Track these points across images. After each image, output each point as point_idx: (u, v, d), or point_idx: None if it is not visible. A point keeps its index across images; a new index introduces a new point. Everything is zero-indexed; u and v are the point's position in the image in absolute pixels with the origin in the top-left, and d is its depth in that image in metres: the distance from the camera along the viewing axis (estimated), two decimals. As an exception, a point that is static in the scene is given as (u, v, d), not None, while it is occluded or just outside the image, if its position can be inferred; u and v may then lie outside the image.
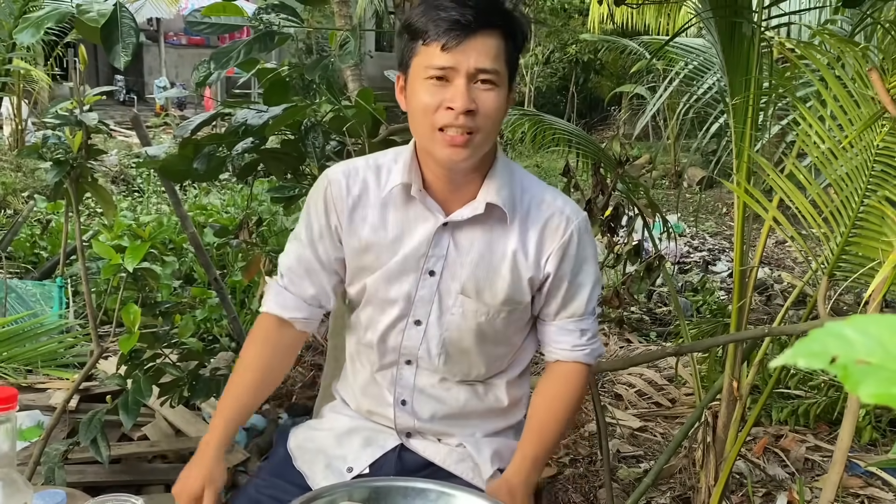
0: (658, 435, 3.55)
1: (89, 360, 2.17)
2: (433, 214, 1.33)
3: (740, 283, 2.41)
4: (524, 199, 1.36)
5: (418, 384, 1.40)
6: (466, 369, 1.40)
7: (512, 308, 1.36)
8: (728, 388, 2.56)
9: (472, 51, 1.21)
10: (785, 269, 6.54)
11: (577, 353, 1.41)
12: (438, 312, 1.35)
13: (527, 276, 1.35)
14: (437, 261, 1.34)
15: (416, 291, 1.35)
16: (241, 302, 4.79)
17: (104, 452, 2.05)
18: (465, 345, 1.37)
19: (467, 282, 1.33)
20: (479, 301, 1.34)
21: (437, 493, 1.18)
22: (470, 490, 1.24)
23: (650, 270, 2.58)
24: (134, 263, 2.01)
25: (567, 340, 1.41)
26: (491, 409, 1.44)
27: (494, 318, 1.36)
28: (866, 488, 3.00)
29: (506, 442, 1.45)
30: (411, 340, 1.37)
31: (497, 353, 1.41)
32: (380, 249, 1.35)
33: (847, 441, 1.82)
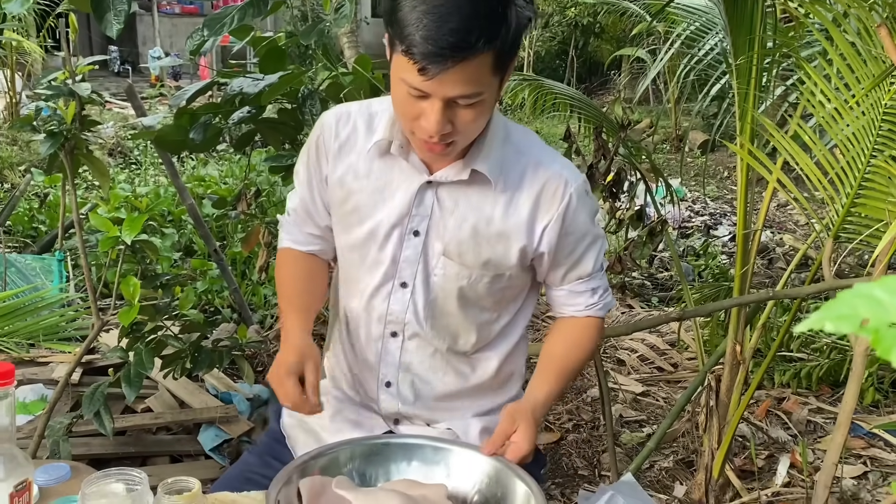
0: (660, 399, 3.56)
1: (90, 334, 2.17)
2: (417, 172, 1.29)
3: (743, 248, 2.39)
4: (519, 161, 1.30)
5: (404, 361, 1.35)
6: (454, 335, 1.36)
7: (496, 274, 1.32)
8: (731, 352, 2.56)
9: (449, 81, 1.10)
10: (787, 232, 6.51)
11: (592, 310, 1.40)
12: (424, 274, 1.32)
13: (517, 245, 1.29)
14: (420, 220, 1.30)
15: (400, 252, 1.31)
16: (241, 273, 4.78)
17: (108, 425, 2.05)
18: (449, 308, 1.33)
19: (450, 243, 1.29)
20: (461, 264, 1.30)
21: (433, 448, 1.18)
22: (465, 444, 1.23)
23: (653, 235, 2.56)
24: (132, 235, 1.99)
25: (580, 301, 1.39)
26: (480, 387, 1.40)
27: (476, 283, 1.31)
28: (868, 449, 3.01)
29: (496, 419, 1.38)
30: (398, 304, 1.33)
31: (483, 318, 1.36)
32: (362, 199, 1.31)
33: (851, 403, 1.82)
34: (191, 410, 2.66)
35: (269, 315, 4.38)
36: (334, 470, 1.13)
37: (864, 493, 2.72)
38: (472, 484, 1.14)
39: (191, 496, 1.02)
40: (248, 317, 4.06)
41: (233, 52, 2.56)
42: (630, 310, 4.53)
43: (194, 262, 4.61)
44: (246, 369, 2.55)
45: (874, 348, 0.30)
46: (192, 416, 2.62)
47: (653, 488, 2.80)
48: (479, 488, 1.13)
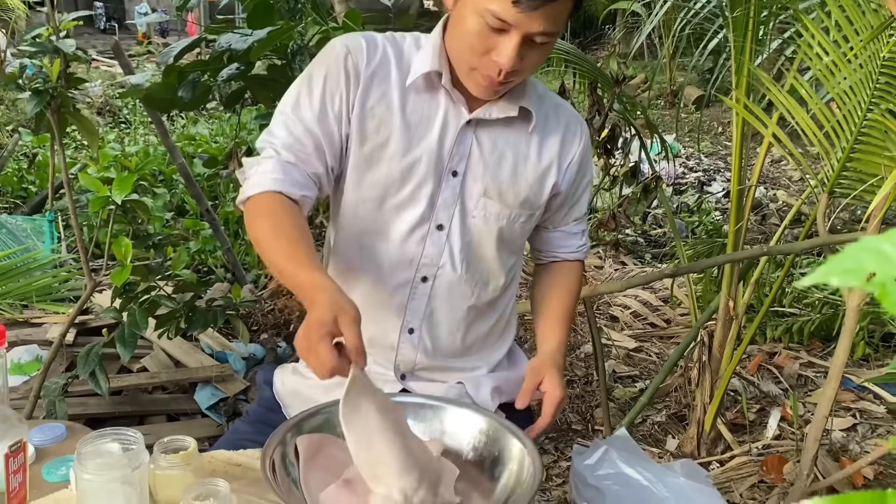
0: (653, 355, 3.59)
1: (83, 294, 2.16)
2: (458, 110, 1.26)
3: (737, 204, 2.38)
4: (544, 104, 1.34)
5: (430, 307, 1.32)
6: (486, 280, 1.35)
7: (530, 214, 1.35)
8: (724, 307, 2.57)
9: (538, 16, 1.10)
10: (781, 188, 6.51)
11: (579, 253, 1.46)
12: (461, 216, 1.30)
13: (550, 183, 1.34)
14: (460, 160, 1.28)
15: (439, 193, 1.28)
16: (234, 233, 4.77)
17: (103, 384, 2.05)
18: (486, 251, 1.33)
19: (490, 183, 1.29)
20: (501, 203, 1.30)
21: (428, 406, 1.18)
22: (461, 402, 1.23)
23: (647, 192, 2.55)
24: (122, 195, 1.97)
25: (572, 243, 1.45)
26: (490, 335, 1.41)
27: (514, 223, 1.33)
28: (858, 402, 3.05)
29: (504, 375, 1.42)
30: (434, 247, 1.29)
31: (511, 262, 1.39)
32: (395, 135, 1.24)
33: (843, 357, 1.83)
34: (186, 370, 2.67)
35: (262, 275, 4.38)
36: (329, 429, 1.13)
37: (853, 445, 2.76)
38: (468, 441, 1.14)
39: (187, 455, 1.02)
40: (242, 276, 4.06)
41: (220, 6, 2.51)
42: (623, 266, 4.54)
43: (186, 222, 4.58)
44: (241, 328, 2.55)
45: (881, 302, 0.30)
46: (187, 376, 2.63)
47: (645, 442, 2.84)
48: (474, 445, 1.14)
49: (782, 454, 2.62)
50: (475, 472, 1.12)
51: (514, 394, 1.43)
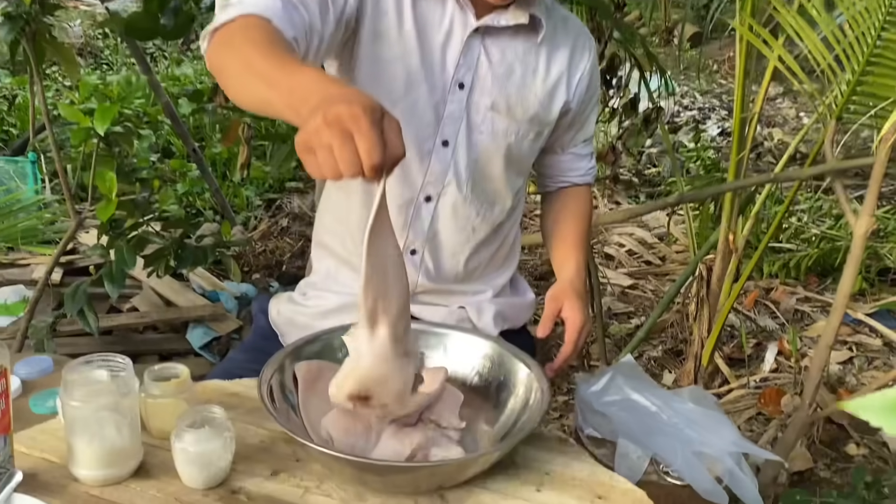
0: (648, 292, 3.57)
1: (68, 231, 2.09)
2: (466, 17, 1.19)
3: (739, 134, 2.32)
4: (552, 16, 1.28)
5: (433, 228, 1.27)
6: (492, 201, 1.30)
7: (538, 131, 1.28)
8: (724, 241, 2.53)
9: None
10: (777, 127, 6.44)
11: (588, 177, 1.42)
12: (467, 132, 1.23)
13: (560, 99, 1.27)
14: (466, 71, 1.21)
15: (444, 106, 1.21)
16: (222, 175, 4.68)
17: (92, 322, 2.00)
18: (492, 170, 1.27)
19: (498, 97, 1.23)
20: (509, 118, 1.24)
21: (431, 332, 1.14)
22: (464, 328, 1.19)
23: (647, 123, 2.48)
24: (104, 126, 1.89)
25: (581, 166, 1.40)
26: (494, 260, 1.36)
27: (522, 140, 1.27)
28: (854, 335, 3.05)
29: (508, 301, 1.39)
30: (439, 164, 1.23)
31: (518, 184, 1.33)
32: (394, 41, 1.16)
33: (848, 286, 1.79)
34: (177, 309, 2.63)
35: (253, 216, 4.31)
36: (329, 355, 1.09)
37: (850, 378, 2.76)
38: (472, 367, 1.11)
39: (179, 383, 0.97)
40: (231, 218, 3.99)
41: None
42: (618, 206, 4.49)
43: (173, 163, 4.48)
44: (232, 267, 2.50)
45: None
46: (178, 315, 2.59)
47: (642, 377, 2.83)
48: (478, 371, 1.10)
49: (780, 387, 2.62)
50: (480, 398, 1.08)
51: (518, 320, 1.40)
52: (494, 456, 0.91)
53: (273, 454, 0.98)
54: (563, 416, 2.44)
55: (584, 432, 1.23)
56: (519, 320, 1.40)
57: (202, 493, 0.90)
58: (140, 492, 0.90)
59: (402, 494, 0.91)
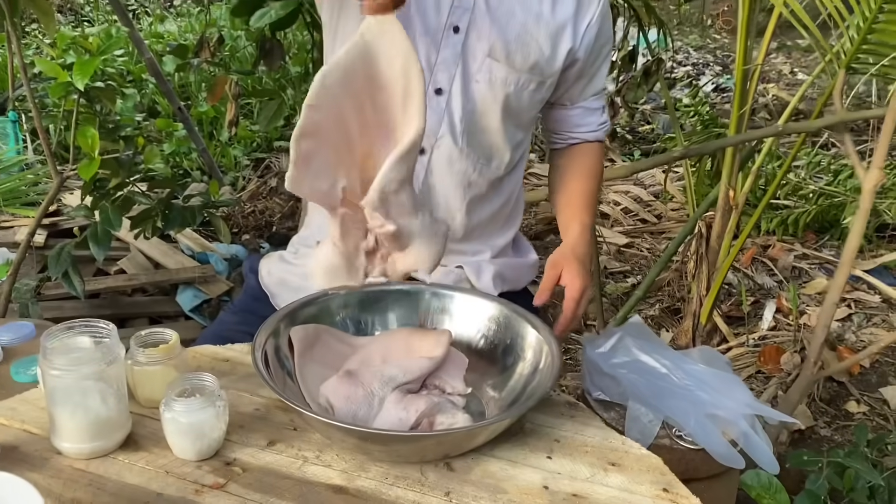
0: (644, 250, 3.53)
1: (51, 191, 2.01)
2: None
3: (742, 86, 2.25)
4: None
5: (428, 182, 1.21)
6: (489, 155, 1.23)
7: (540, 81, 1.20)
8: (724, 197, 2.47)
9: None
10: (770, 82, 6.36)
11: (600, 132, 1.33)
12: (463, 80, 1.16)
13: (565, 47, 1.19)
14: (462, 14, 1.14)
15: (437, 52, 1.15)
16: (209, 135, 4.58)
17: (77, 285, 1.94)
18: (490, 122, 1.20)
19: (497, 42, 1.15)
20: (508, 66, 1.16)
21: (434, 294, 1.08)
22: (468, 290, 1.14)
23: (647, 76, 2.40)
24: (84, 80, 1.80)
25: (592, 121, 1.32)
26: (494, 219, 1.30)
27: (522, 91, 1.19)
28: (852, 292, 3.02)
29: (509, 262, 1.33)
30: (433, 114, 1.16)
31: (518, 138, 1.26)
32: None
33: (856, 240, 1.75)
34: (166, 271, 2.56)
35: (240, 177, 4.23)
36: (326, 318, 1.03)
37: (849, 335, 2.74)
38: (477, 330, 1.05)
39: (167, 348, 0.92)
40: (219, 178, 3.91)
41: None
42: (612, 163, 4.42)
43: (159, 123, 4.36)
44: (221, 227, 2.43)
45: None
46: (167, 277, 2.53)
47: (640, 336, 2.80)
48: (484, 334, 1.05)
49: (779, 345, 2.59)
50: (486, 362, 1.03)
51: (519, 282, 1.34)
52: (504, 423, 0.86)
53: (269, 423, 0.93)
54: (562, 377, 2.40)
55: (592, 395, 1.19)
56: (520, 282, 1.35)
57: (194, 465, 0.85)
58: (128, 465, 0.85)
59: (406, 464, 0.87)
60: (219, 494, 0.81)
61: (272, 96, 2.80)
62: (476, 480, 0.86)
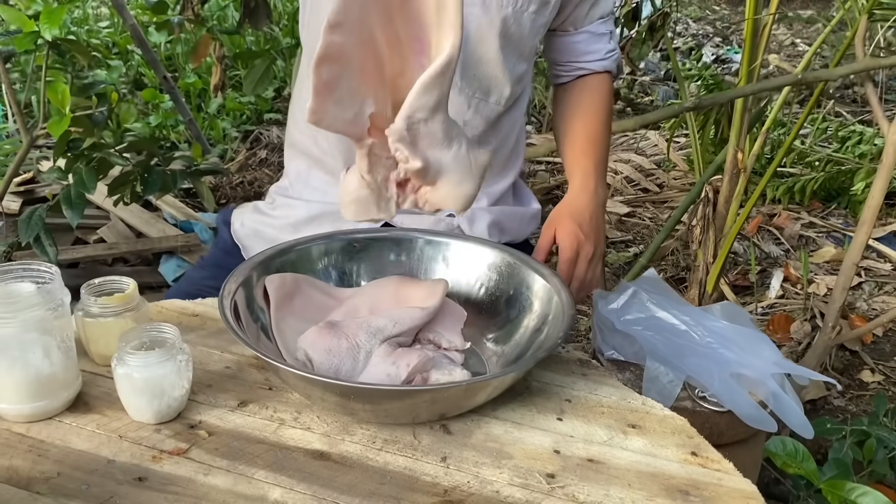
0: (646, 219, 3.43)
1: (20, 152, 1.89)
2: None
3: (752, 39, 2.13)
4: None
5: None
6: (486, 88, 1.12)
7: (541, 4, 1.09)
8: (731, 160, 2.36)
9: None
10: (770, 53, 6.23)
11: (608, 61, 1.22)
12: None
13: None
14: None
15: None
16: (197, 107, 4.45)
17: (50, 251, 1.82)
18: (487, 51, 1.09)
19: None
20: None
21: (427, 241, 0.97)
22: (463, 235, 1.03)
23: (653, 31, 2.28)
24: (52, 30, 1.67)
25: (599, 48, 1.20)
26: (495, 159, 1.17)
27: (521, 13, 1.08)
28: (863, 260, 2.92)
29: (507, 210, 1.21)
30: None
31: (519, 70, 1.14)
32: None
33: (879, 197, 1.65)
34: (148, 240, 2.44)
35: (229, 149, 4.10)
36: (305, 267, 0.92)
37: (861, 303, 2.64)
38: (476, 279, 0.94)
39: (124, 297, 0.80)
40: (207, 149, 3.78)
41: None
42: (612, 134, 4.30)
43: (145, 94, 4.25)
44: (205, 193, 2.31)
45: None
46: (149, 246, 2.41)
47: (643, 306, 2.70)
48: (483, 283, 0.94)
49: (788, 312, 2.50)
50: (487, 315, 0.92)
51: (519, 233, 1.23)
52: (508, 378, 0.75)
53: (241, 382, 0.82)
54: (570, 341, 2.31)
55: (605, 355, 1.08)
56: (520, 233, 1.23)
57: (153, 427, 0.74)
58: (76, 428, 0.74)
59: (396, 426, 0.76)
60: (180, 461, 0.70)
61: (259, 57, 2.67)
62: (477, 444, 0.75)
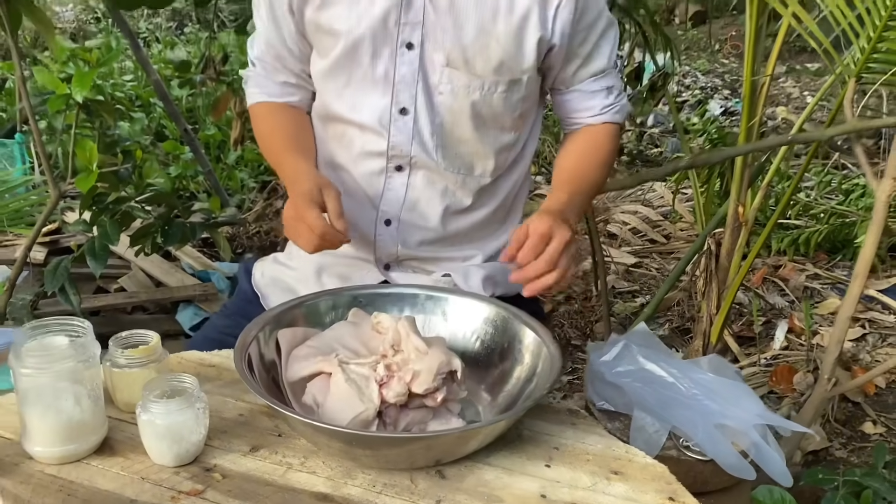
0: (653, 270, 3.48)
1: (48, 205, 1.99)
2: None
3: (751, 98, 2.22)
4: None
5: (409, 198, 1.18)
6: (469, 165, 1.19)
7: (511, 80, 1.14)
8: (733, 213, 2.43)
9: None
10: (779, 105, 6.34)
11: (606, 115, 1.22)
12: (426, 95, 1.13)
13: (532, 38, 1.11)
14: (412, 29, 1.10)
15: (394, 71, 1.12)
16: (216, 158, 4.59)
17: (74, 300, 1.90)
18: (462, 132, 1.16)
19: (453, 50, 1.10)
20: (469, 73, 1.11)
21: (427, 296, 1.04)
22: (462, 292, 1.09)
23: (654, 90, 2.37)
24: (83, 92, 1.78)
25: (594, 104, 1.21)
26: (487, 222, 1.24)
27: (490, 95, 1.13)
28: (866, 312, 2.96)
29: (497, 265, 1.26)
30: (400, 135, 1.14)
31: (504, 141, 1.20)
32: (336, 13, 1.11)
33: (870, 252, 1.70)
34: (167, 289, 2.53)
35: (246, 199, 4.22)
36: (314, 320, 0.99)
37: (864, 355, 2.67)
38: (473, 332, 1.01)
39: (148, 350, 0.88)
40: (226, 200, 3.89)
41: None
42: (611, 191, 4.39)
43: (166, 146, 4.39)
44: (222, 243, 2.40)
45: None
46: (168, 295, 2.49)
47: (649, 356, 2.74)
48: (479, 336, 1.01)
49: (792, 363, 2.53)
50: (482, 367, 0.98)
51: (512, 287, 1.27)
52: (499, 426, 0.82)
53: (252, 429, 0.89)
54: (566, 396, 2.35)
55: (596, 405, 1.14)
56: (514, 286, 1.28)
57: (172, 470, 0.81)
58: (101, 470, 0.81)
59: (395, 470, 0.82)
60: (196, 501, 0.77)
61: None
62: (469, 489, 0.81)
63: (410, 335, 0.86)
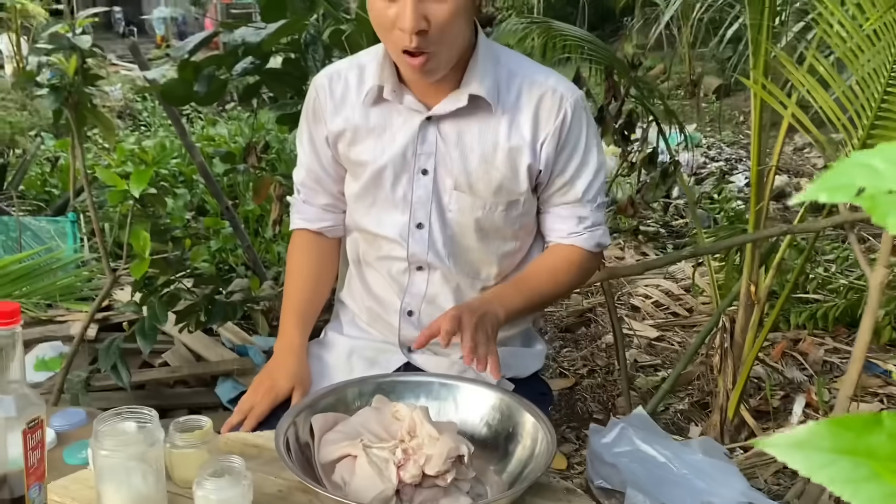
0: (675, 344, 3.56)
1: (104, 288, 2.18)
2: (415, 112, 1.30)
3: (757, 185, 2.36)
4: (513, 83, 1.29)
5: (429, 293, 1.37)
6: (476, 270, 1.37)
7: (509, 201, 1.32)
8: (745, 292, 2.54)
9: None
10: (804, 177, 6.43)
11: (573, 239, 1.36)
12: (438, 212, 1.33)
13: (524, 165, 1.30)
14: (427, 158, 1.31)
15: (412, 193, 1.33)
16: (254, 231, 4.78)
17: (125, 377, 2.07)
18: (469, 242, 1.35)
19: (459, 176, 1.30)
20: (473, 195, 1.31)
21: (441, 384, 1.19)
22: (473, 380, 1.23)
23: (665, 176, 2.52)
24: (139, 188, 1.99)
25: (562, 228, 1.37)
26: None
27: (492, 213, 1.32)
28: (885, 387, 3.00)
29: (514, 351, 1.42)
30: (417, 245, 1.34)
31: (506, 249, 1.38)
32: (364, 149, 1.33)
33: (866, 336, 1.80)
34: (207, 364, 2.69)
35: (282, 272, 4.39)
36: (343, 406, 1.14)
37: (881, 430, 2.71)
38: (480, 417, 1.15)
39: (202, 433, 1.03)
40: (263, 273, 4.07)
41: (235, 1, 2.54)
42: (644, 257, 4.50)
43: (207, 221, 4.61)
44: (260, 321, 2.57)
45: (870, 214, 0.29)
46: (208, 370, 2.65)
47: (668, 430, 2.81)
48: (486, 421, 1.14)
49: (807, 440, 2.58)
50: (490, 449, 1.11)
51: (524, 369, 1.43)
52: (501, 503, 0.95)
53: (290, 503, 1.02)
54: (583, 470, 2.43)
55: (595, 483, 1.26)
56: (526, 369, 1.44)
57: (221, 539, 0.94)
58: (163, 538, 0.95)
59: (411, 543, 0.95)
60: (241, 567, 0.90)
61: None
62: (475, 559, 0.93)
63: (424, 423, 1.00)
